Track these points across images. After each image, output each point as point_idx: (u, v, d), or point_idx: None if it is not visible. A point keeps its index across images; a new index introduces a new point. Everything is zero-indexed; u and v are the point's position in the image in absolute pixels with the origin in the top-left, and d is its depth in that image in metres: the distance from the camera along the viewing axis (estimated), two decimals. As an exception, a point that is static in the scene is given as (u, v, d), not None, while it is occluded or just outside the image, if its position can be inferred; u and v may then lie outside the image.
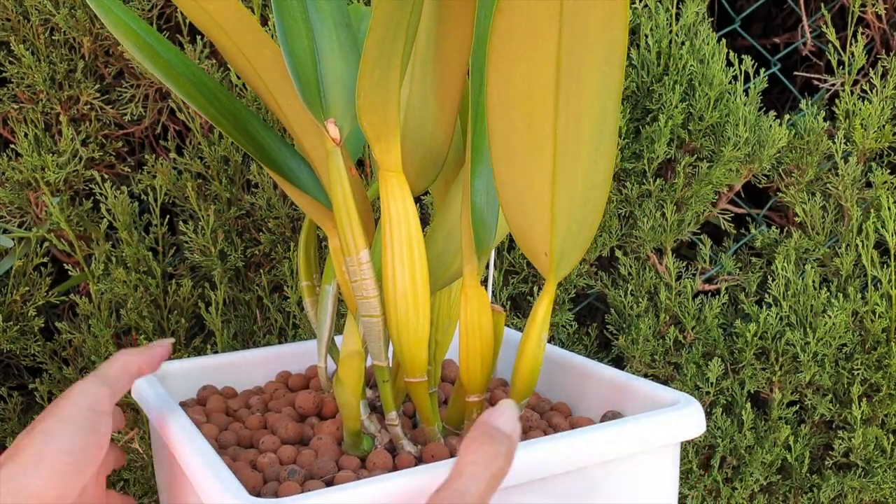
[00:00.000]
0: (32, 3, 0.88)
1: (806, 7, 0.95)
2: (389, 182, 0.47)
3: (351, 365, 0.48)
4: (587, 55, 0.39)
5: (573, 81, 0.40)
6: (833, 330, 0.84)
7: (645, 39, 0.86)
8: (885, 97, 0.87)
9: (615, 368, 0.59)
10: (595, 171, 0.44)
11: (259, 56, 0.49)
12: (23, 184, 0.89)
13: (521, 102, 0.41)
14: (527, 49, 0.39)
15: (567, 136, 0.42)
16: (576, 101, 0.41)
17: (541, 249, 0.46)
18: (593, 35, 0.39)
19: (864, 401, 0.86)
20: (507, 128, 0.42)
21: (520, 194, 0.44)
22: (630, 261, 0.89)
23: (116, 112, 0.92)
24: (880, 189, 0.88)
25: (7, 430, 0.93)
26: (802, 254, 0.90)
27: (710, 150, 0.88)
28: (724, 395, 0.88)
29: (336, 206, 0.48)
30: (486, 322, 0.49)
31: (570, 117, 0.41)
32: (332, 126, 0.48)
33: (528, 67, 0.39)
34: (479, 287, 0.49)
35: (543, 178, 0.43)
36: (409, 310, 0.47)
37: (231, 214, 0.90)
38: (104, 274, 0.88)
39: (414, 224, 0.47)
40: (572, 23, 0.38)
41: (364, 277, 0.48)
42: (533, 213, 0.45)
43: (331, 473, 0.48)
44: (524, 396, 0.50)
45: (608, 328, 0.91)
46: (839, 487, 0.88)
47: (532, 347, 0.49)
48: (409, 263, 0.47)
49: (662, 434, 0.50)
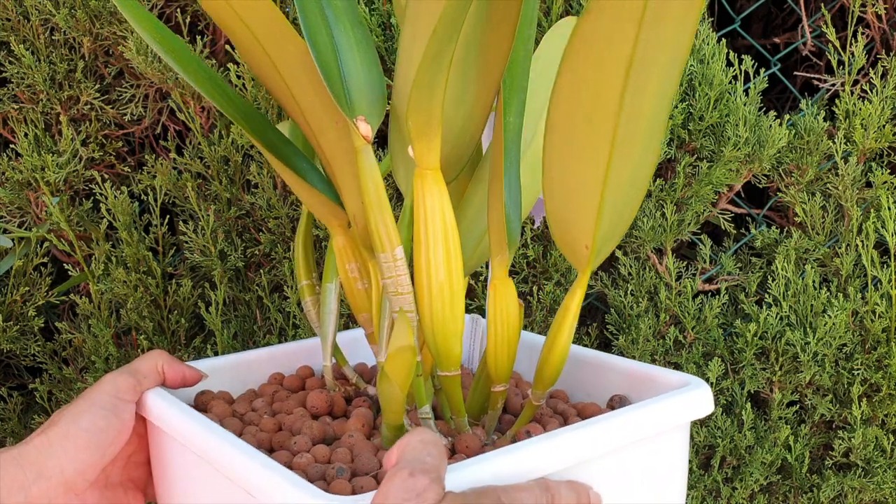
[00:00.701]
0: (32, 3, 0.88)
1: (806, 7, 0.95)
2: (427, 179, 0.47)
3: (402, 359, 0.46)
4: (657, 56, 0.41)
5: (639, 83, 0.41)
6: (833, 330, 0.84)
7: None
8: (886, 97, 0.87)
9: (622, 357, 0.61)
10: (641, 168, 0.46)
11: (283, 52, 0.49)
12: (23, 184, 0.89)
13: (587, 102, 0.42)
14: (604, 51, 0.40)
15: (625, 135, 0.43)
16: (638, 101, 0.42)
17: (582, 242, 0.47)
18: (666, 38, 0.40)
19: (865, 401, 0.86)
20: (569, 125, 0.43)
21: (570, 189, 0.46)
22: (630, 261, 0.89)
23: (116, 112, 0.92)
24: (880, 189, 0.88)
25: (7, 430, 0.93)
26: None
27: (710, 150, 0.88)
28: (724, 395, 0.88)
29: (368, 204, 0.48)
30: (514, 313, 0.51)
31: (631, 116, 0.43)
32: (362, 123, 0.48)
33: (600, 69, 0.41)
34: (507, 279, 0.51)
35: (597, 174, 0.44)
36: (444, 305, 0.48)
37: (231, 214, 0.90)
38: (104, 274, 0.88)
39: (450, 221, 0.47)
40: (651, 26, 0.39)
41: (399, 273, 0.48)
42: (580, 208, 0.46)
43: (374, 469, 0.47)
44: (549, 386, 0.52)
45: (608, 328, 0.91)
46: (839, 487, 0.88)
47: (564, 338, 0.51)
48: (444, 259, 0.47)
49: (681, 414, 0.52)
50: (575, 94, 0.42)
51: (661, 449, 0.52)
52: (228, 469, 0.45)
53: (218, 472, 0.47)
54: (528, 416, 0.54)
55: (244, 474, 0.44)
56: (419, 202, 0.47)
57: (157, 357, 0.55)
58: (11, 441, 0.94)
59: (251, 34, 0.48)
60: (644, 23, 0.39)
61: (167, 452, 0.54)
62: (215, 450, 0.47)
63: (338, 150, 0.51)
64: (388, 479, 0.37)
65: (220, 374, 0.62)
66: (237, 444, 0.46)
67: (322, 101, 0.50)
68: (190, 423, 0.50)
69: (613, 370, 0.60)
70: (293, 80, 0.50)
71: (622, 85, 0.41)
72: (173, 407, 0.52)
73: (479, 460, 0.43)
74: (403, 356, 0.46)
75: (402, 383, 0.47)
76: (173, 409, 0.52)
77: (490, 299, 0.51)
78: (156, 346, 0.89)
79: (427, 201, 0.47)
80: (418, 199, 0.47)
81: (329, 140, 0.52)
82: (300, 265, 0.63)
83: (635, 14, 0.39)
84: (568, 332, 0.51)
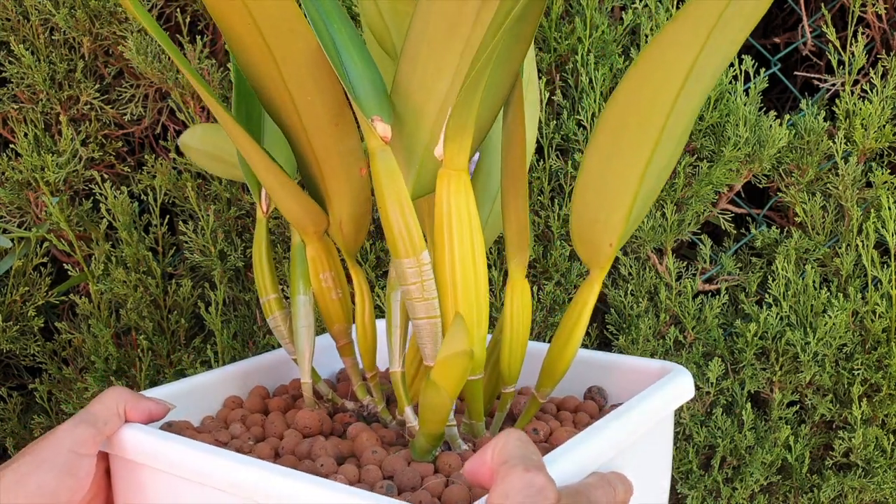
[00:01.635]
0: (32, 2, 0.88)
1: (806, 7, 0.95)
2: (454, 181, 0.46)
3: (456, 365, 0.44)
4: (714, 59, 0.42)
5: (693, 85, 0.43)
6: (833, 330, 0.84)
7: (645, 39, 0.86)
8: (886, 97, 0.87)
9: (598, 350, 0.63)
10: (668, 166, 0.47)
11: (289, 47, 0.47)
12: (22, 184, 0.89)
13: (644, 103, 0.43)
14: (677, 54, 0.41)
15: (668, 134, 0.44)
16: (686, 102, 0.43)
17: (607, 240, 0.48)
18: (727, 40, 0.41)
19: (865, 401, 0.85)
20: (620, 126, 0.44)
21: (606, 188, 0.46)
22: (630, 261, 0.89)
23: (116, 112, 0.92)
24: (880, 189, 0.88)
25: (7, 429, 0.93)
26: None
27: (710, 150, 0.88)
28: (724, 395, 0.88)
29: (388, 209, 0.46)
30: (528, 315, 0.51)
31: (678, 117, 0.44)
32: (379, 124, 0.46)
33: (667, 71, 0.42)
34: (525, 281, 0.51)
35: (635, 173, 0.45)
36: (471, 309, 0.47)
37: (231, 214, 0.89)
38: (104, 274, 0.88)
39: (476, 225, 0.46)
40: (720, 28, 0.40)
41: (426, 278, 0.47)
42: (613, 206, 0.47)
43: (417, 484, 0.46)
44: (557, 383, 0.52)
45: (608, 328, 0.90)
46: (839, 488, 0.88)
47: (579, 334, 0.51)
48: (471, 263, 0.46)
49: (671, 403, 0.54)
50: (634, 96, 0.43)
51: (664, 432, 0.55)
52: (280, 497, 0.40)
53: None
54: (532, 412, 0.54)
55: (310, 500, 0.39)
56: (444, 205, 0.46)
57: (115, 398, 0.48)
58: (11, 441, 0.94)
59: (256, 28, 0.46)
60: (717, 25, 0.40)
61: (151, 491, 0.48)
62: (259, 481, 0.41)
63: (332, 151, 0.50)
64: (502, 479, 0.36)
65: (174, 400, 0.55)
66: (287, 472, 0.42)
67: (323, 99, 0.49)
68: (206, 455, 0.44)
69: (586, 363, 0.60)
70: (294, 77, 0.48)
71: (679, 87, 0.42)
72: (168, 441, 0.47)
73: (567, 450, 0.43)
74: (458, 361, 0.44)
75: (452, 391, 0.45)
76: (169, 443, 0.46)
77: (507, 300, 0.51)
78: (155, 346, 0.89)
79: (454, 204, 0.46)
80: (444, 202, 0.46)
81: (323, 142, 0.50)
82: (265, 278, 0.60)
83: (714, 15, 0.39)
84: (583, 329, 0.51)
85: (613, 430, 0.47)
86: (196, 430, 0.55)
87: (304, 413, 0.54)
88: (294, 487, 0.40)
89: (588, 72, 0.85)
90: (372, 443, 0.50)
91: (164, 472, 0.46)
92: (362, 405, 0.59)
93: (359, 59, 0.48)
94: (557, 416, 0.58)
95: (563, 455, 0.43)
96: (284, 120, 0.50)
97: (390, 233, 0.47)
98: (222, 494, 0.43)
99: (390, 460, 0.48)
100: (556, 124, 0.87)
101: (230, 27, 0.47)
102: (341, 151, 0.50)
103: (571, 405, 0.60)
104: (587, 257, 0.50)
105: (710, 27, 0.40)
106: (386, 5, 0.53)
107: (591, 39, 0.86)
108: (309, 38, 0.47)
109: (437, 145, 0.47)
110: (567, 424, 0.56)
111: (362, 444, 0.50)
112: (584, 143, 0.86)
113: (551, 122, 0.87)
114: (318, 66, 0.47)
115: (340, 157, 0.50)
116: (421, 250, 0.47)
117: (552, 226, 0.87)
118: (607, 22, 0.86)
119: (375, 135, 0.46)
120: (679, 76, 0.42)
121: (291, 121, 0.50)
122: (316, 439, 0.51)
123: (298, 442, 0.52)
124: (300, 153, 0.52)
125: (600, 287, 0.51)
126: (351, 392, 0.60)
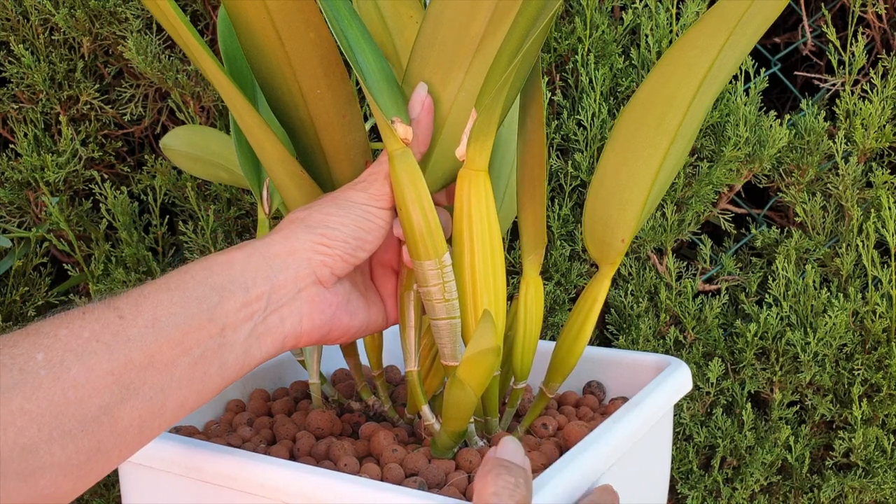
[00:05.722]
0: (32, 2, 0.88)
1: (806, 7, 0.95)
2: (475, 180, 0.46)
3: (483, 362, 0.44)
4: (730, 59, 0.43)
5: (709, 84, 0.43)
6: (833, 330, 0.84)
7: (645, 39, 0.86)
8: (886, 97, 0.87)
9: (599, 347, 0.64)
10: (679, 164, 0.48)
11: (302, 39, 0.46)
12: (22, 184, 0.89)
13: (661, 103, 0.44)
14: (698, 55, 0.42)
15: (682, 133, 0.45)
16: (700, 101, 0.44)
17: (620, 236, 0.49)
18: (743, 40, 0.42)
19: (865, 401, 0.85)
20: (637, 125, 0.45)
21: (621, 185, 0.47)
22: (630, 261, 0.89)
23: (116, 112, 0.92)
24: (881, 189, 0.88)
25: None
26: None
27: (710, 150, 0.87)
28: (724, 396, 0.88)
29: (410, 210, 0.46)
30: (541, 312, 0.51)
31: (692, 116, 0.45)
32: (400, 126, 0.46)
33: (687, 70, 0.43)
34: (539, 278, 0.51)
35: (651, 170, 0.46)
36: (490, 307, 0.47)
37: (231, 214, 0.89)
38: (104, 274, 0.88)
39: (495, 224, 0.47)
40: (741, 28, 0.41)
41: (447, 280, 0.46)
42: (626, 202, 0.48)
43: (443, 480, 0.46)
44: (565, 378, 0.53)
45: (608, 328, 0.90)
46: (839, 488, 0.88)
47: (588, 329, 0.52)
48: (491, 262, 0.47)
49: (673, 397, 0.55)
50: (654, 96, 0.44)
51: (665, 425, 0.56)
52: (335, 497, 0.40)
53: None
54: (540, 408, 0.54)
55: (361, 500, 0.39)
56: (465, 204, 0.46)
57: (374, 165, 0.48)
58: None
59: (268, 16, 0.45)
60: (738, 25, 0.40)
61: (170, 498, 0.47)
62: (292, 482, 0.41)
63: (339, 145, 0.50)
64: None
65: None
66: (309, 469, 0.42)
67: (334, 94, 0.48)
68: (234, 459, 0.43)
69: (583, 359, 0.60)
70: (306, 72, 0.47)
71: (697, 86, 0.43)
72: (187, 446, 0.45)
73: (586, 447, 0.44)
74: (485, 359, 0.44)
75: (478, 388, 0.45)
76: (189, 448, 0.45)
77: (521, 297, 0.51)
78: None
79: (474, 204, 0.46)
80: (464, 200, 0.46)
81: (331, 135, 0.50)
82: None
83: (737, 14, 0.40)
84: (592, 324, 0.52)
85: (628, 424, 0.48)
86: (204, 435, 0.54)
87: (316, 414, 0.54)
88: (351, 491, 0.40)
89: (588, 72, 0.85)
90: (390, 441, 0.50)
91: (184, 476, 0.46)
92: (368, 405, 0.59)
93: (372, 56, 0.47)
94: (560, 411, 0.58)
95: (584, 450, 0.44)
96: (291, 114, 0.50)
97: (411, 234, 0.46)
98: (247, 496, 0.43)
99: (411, 458, 0.48)
100: (556, 124, 0.87)
101: (240, 13, 0.46)
102: (348, 144, 0.50)
103: (572, 400, 0.60)
104: (598, 253, 0.50)
105: (731, 27, 0.40)
106: (388, 8, 0.53)
107: (591, 39, 0.86)
108: (322, 29, 0.46)
109: (458, 146, 0.47)
110: (573, 419, 0.56)
111: (380, 444, 0.50)
112: (583, 143, 0.86)
113: (552, 122, 0.87)
114: (329, 60, 0.47)
115: (347, 151, 0.50)
116: (443, 252, 0.46)
117: (552, 226, 0.87)
118: (607, 22, 0.86)
119: (396, 136, 0.46)
120: (698, 76, 0.42)
121: (299, 114, 0.49)
122: (330, 440, 0.51)
123: (313, 443, 0.51)
124: (306, 147, 0.52)
125: (610, 283, 0.51)
126: (355, 394, 0.60)
